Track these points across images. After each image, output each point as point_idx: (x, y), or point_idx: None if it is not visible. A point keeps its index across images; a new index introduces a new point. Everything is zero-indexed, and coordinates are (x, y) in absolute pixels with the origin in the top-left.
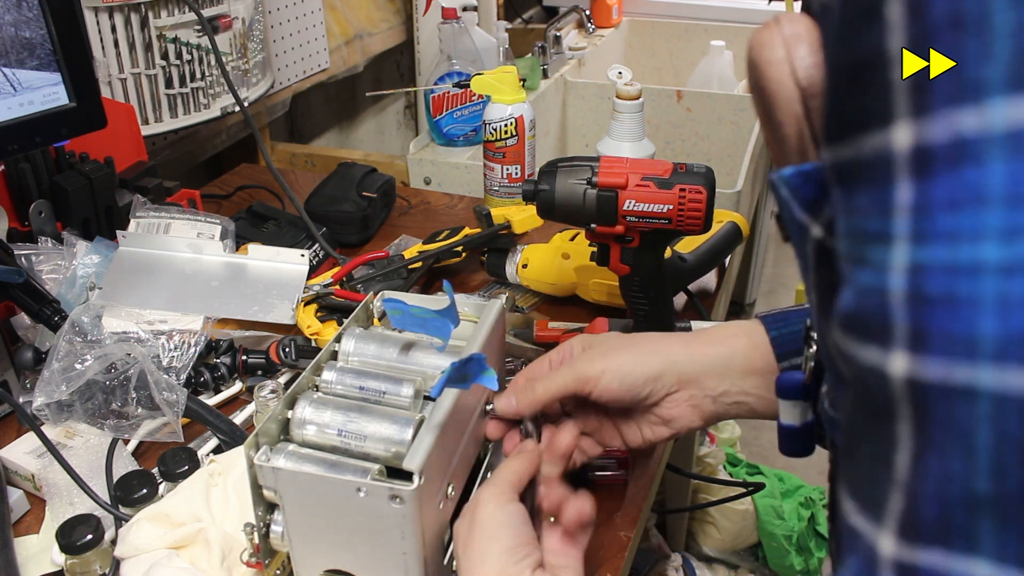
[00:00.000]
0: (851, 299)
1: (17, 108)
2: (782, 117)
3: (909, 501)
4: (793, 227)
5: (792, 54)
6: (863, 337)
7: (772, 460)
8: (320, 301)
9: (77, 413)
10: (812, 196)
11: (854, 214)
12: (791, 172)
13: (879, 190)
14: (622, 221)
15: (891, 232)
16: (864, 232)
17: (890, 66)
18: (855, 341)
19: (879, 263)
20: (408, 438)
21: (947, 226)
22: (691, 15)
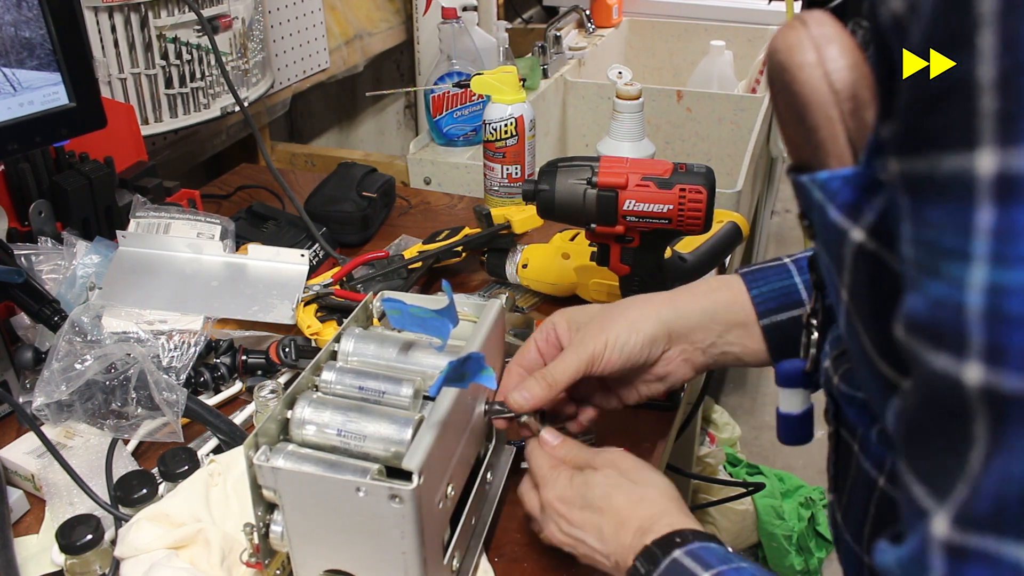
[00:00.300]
0: (923, 306)
1: (17, 108)
2: (817, 121)
3: (971, 493)
4: (827, 229)
5: (824, 56)
6: (935, 344)
7: (772, 460)
8: (320, 301)
9: (77, 413)
10: (851, 200)
11: (926, 226)
12: (828, 176)
13: (957, 209)
14: (622, 221)
15: (969, 251)
16: (938, 246)
17: (978, 93)
18: (925, 346)
19: (955, 279)
20: (407, 438)
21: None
22: (691, 15)
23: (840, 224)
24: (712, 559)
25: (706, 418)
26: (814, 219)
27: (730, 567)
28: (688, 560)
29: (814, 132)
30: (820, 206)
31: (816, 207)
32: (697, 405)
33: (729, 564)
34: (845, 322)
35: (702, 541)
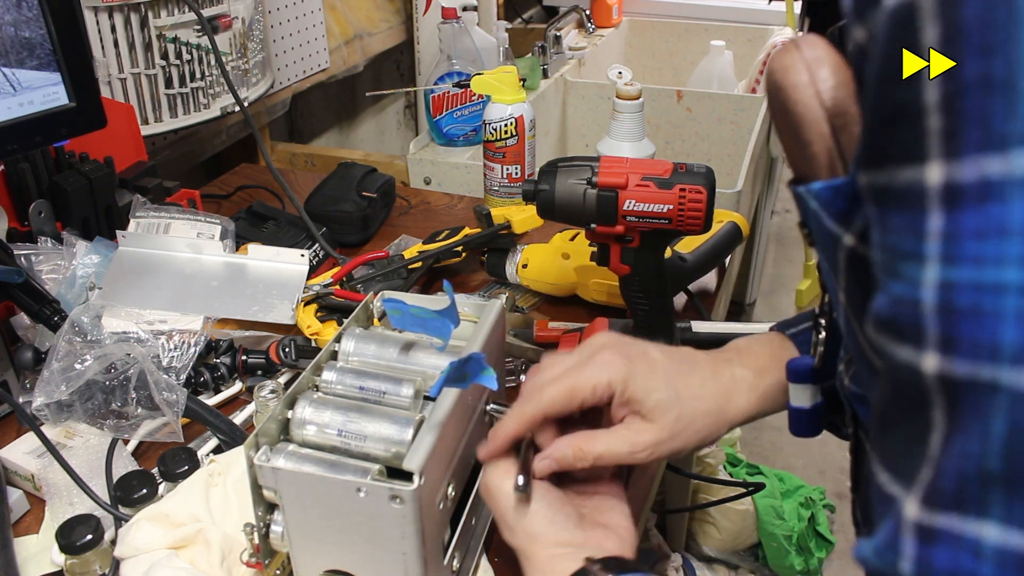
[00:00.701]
0: (886, 304)
1: (17, 108)
2: (810, 137)
3: (935, 474)
4: (823, 236)
5: (815, 77)
6: (898, 338)
7: (772, 460)
8: (320, 301)
9: (77, 413)
10: (843, 208)
11: (888, 232)
12: (821, 186)
13: (912, 216)
14: (622, 221)
15: (923, 253)
16: (897, 249)
17: (925, 114)
18: (890, 340)
19: (912, 278)
20: (408, 438)
21: (974, 252)
22: (691, 15)
23: (834, 231)
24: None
25: None
26: (812, 227)
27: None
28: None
29: (808, 146)
30: (816, 214)
31: (813, 215)
32: None
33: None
34: (844, 322)
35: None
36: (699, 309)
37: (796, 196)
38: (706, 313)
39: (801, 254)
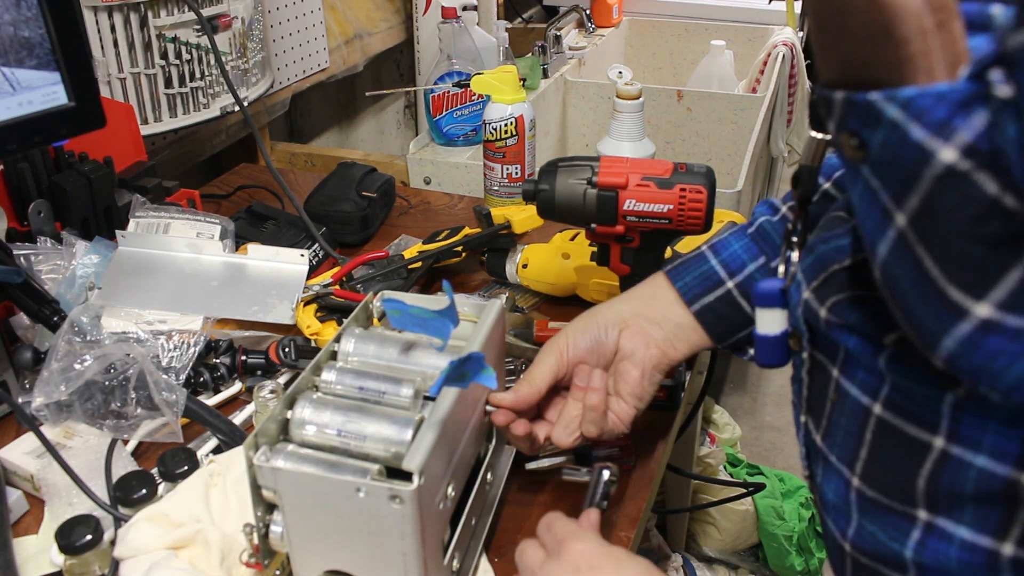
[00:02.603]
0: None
1: (16, 108)
2: (908, 33)
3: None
4: (903, 150)
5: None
6: None
7: (772, 460)
8: (320, 301)
9: (76, 413)
10: (943, 118)
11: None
12: (916, 92)
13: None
14: (622, 221)
15: None
16: None
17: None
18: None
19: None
20: (408, 438)
21: None
22: (691, 15)
23: (924, 143)
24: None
25: (706, 418)
26: (875, 141)
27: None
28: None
29: (902, 46)
30: (895, 125)
31: (888, 126)
32: (697, 405)
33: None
34: (894, 248)
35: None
36: None
37: (853, 104)
38: None
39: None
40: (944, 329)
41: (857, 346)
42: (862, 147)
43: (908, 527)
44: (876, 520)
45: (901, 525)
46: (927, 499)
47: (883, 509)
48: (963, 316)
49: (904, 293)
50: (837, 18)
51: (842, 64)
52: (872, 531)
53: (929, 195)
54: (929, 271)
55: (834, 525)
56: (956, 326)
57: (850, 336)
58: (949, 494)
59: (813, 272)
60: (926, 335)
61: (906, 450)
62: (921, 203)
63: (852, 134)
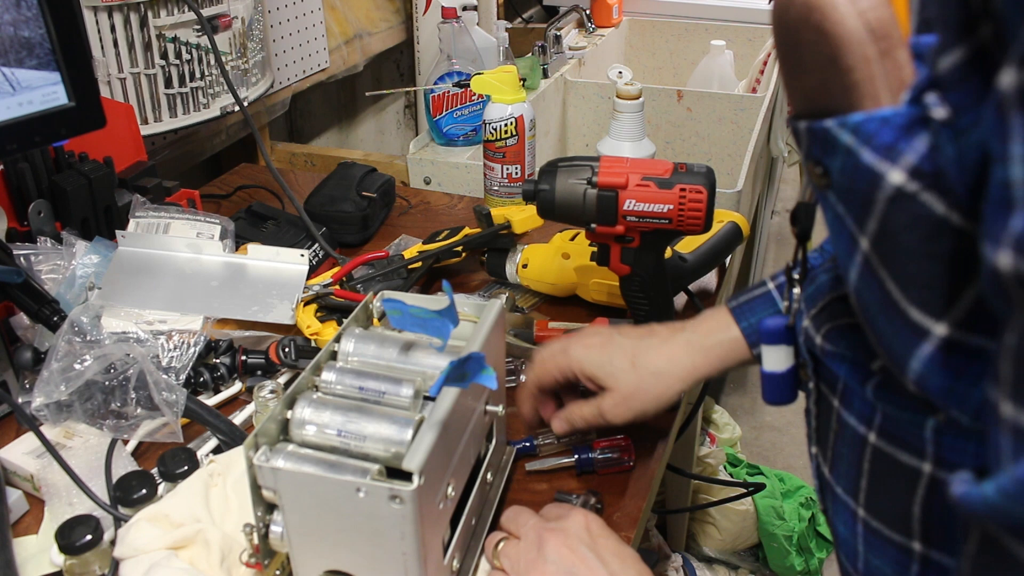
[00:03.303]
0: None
1: (16, 108)
2: (852, 62)
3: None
4: (857, 174)
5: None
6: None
7: (772, 460)
8: (320, 301)
9: (76, 413)
10: (889, 142)
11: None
12: (863, 117)
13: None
14: (622, 221)
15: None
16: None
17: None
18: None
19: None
20: (408, 438)
21: None
22: (691, 15)
23: (875, 167)
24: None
25: (706, 418)
26: (835, 167)
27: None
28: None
29: (847, 74)
30: (849, 150)
31: (842, 152)
32: (697, 405)
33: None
34: (861, 273)
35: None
36: (699, 309)
37: (815, 134)
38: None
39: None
40: (909, 351)
41: (848, 374)
42: (826, 174)
43: (907, 561)
44: (880, 555)
45: (901, 559)
46: (922, 529)
47: (885, 542)
48: (925, 336)
49: (874, 317)
50: (794, 51)
51: (804, 96)
52: (878, 565)
53: (884, 217)
54: (892, 293)
55: (846, 560)
56: (919, 347)
57: (842, 364)
58: (942, 523)
59: (812, 300)
60: (895, 358)
61: (901, 478)
62: (879, 226)
63: (816, 163)
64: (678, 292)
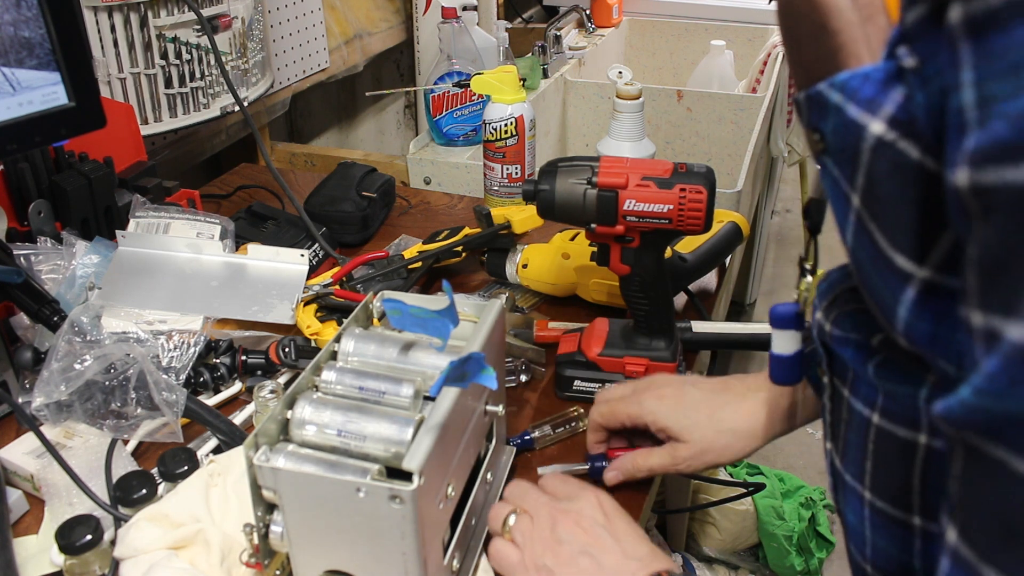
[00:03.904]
0: (1004, 128)
1: (16, 108)
2: (839, 25)
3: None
4: (845, 130)
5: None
6: (1018, 159)
7: (772, 460)
8: (320, 301)
9: (76, 413)
10: (870, 95)
11: (996, 56)
12: (848, 75)
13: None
14: (622, 221)
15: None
16: (1014, 65)
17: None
18: (1009, 166)
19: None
20: (408, 438)
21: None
22: (691, 15)
23: (859, 120)
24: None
25: None
26: (827, 128)
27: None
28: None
29: (835, 36)
30: (837, 108)
31: (833, 111)
32: None
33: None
34: (854, 230)
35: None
36: (699, 309)
37: (810, 100)
38: (706, 313)
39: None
40: (896, 298)
41: (852, 356)
42: (822, 139)
43: (910, 537)
44: (885, 535)
45: (905, 536)
46: (921, 502)
47: (889, 520)
48: (908, 281)
49: (867, 274)
50: (792, 26)
51: (804, 70)
52: (883, 546)
53: (869, 168)
54: (879, 243)
55: (856, 550)
56: (904, 292)
57: (847, 347)
58: (938, 493)
59: (825, 294)
60: (885, 310)
61: (900, 453)
62: (865, 179)
63: (814, 129)
64: (678, 292)
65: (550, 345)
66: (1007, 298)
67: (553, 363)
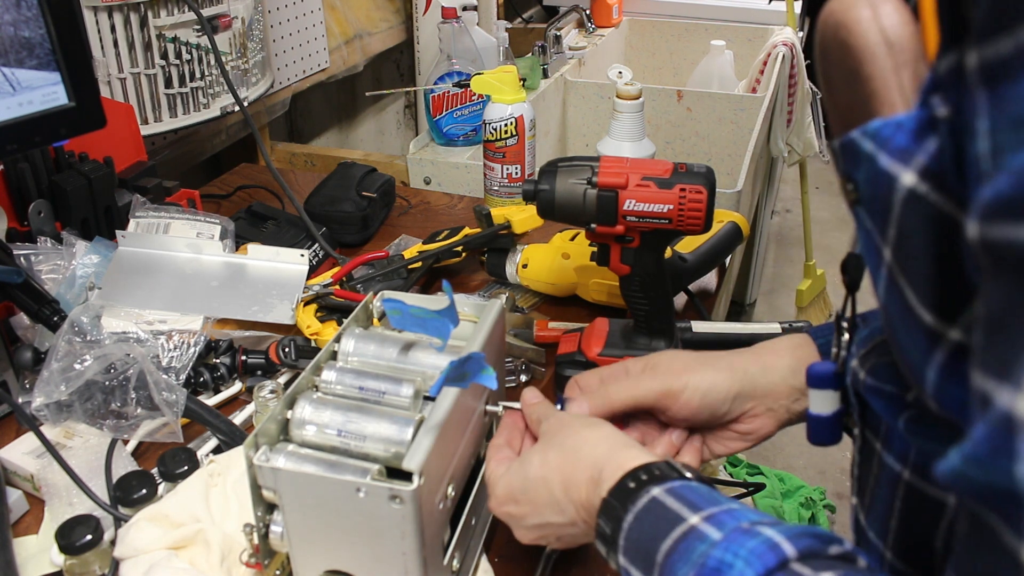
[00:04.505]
0: (1008, 183)
1: (16, 108)
2: (872, 71)
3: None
4: (877, 180)
5: (878, 12)
6: (1020, 216)
7: (772, 460)
8: (320, 301)
9: (76, 413)
10: (903, 145)
11: (1006, 105)
12: (880, 123)
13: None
14: (622, 221)
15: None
16: (1019, 117)
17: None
18: (1014, 223)
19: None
20: (408, 438)
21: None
22: (691, 15)
23: (891, 170)
24: (695, 498)
25: None
26: (860, 178)
27: (721, 509)
28: (664, 502)
29: (868, 82)
30: (870, 157)
31: (865, 160)
32: None
33: (719, 506)
34: (886, 285)
35: (666, 480)
36: (699, 309)
37: (844, 148)
38: (706, 313)
39: (801, 254)
40: (926, 360)
41: (884, 409)
42: (855, 189)
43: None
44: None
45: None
46: (943, 566)
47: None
48: (938, 343)
49: (897, 330)
50: (826, 69)
51: (839, 115)
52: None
53: (900, 221)
54: (909, 300)
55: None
56: (934, 354)
57: (880, 399)
58: None
59: (865, 341)
60: (914, 372)
61: (927, 512)
62: (897, 232)
63: (847, 178)
64: (678, 292)
65: (550, 345)
66: (1002, 361)
67: (553, 363)
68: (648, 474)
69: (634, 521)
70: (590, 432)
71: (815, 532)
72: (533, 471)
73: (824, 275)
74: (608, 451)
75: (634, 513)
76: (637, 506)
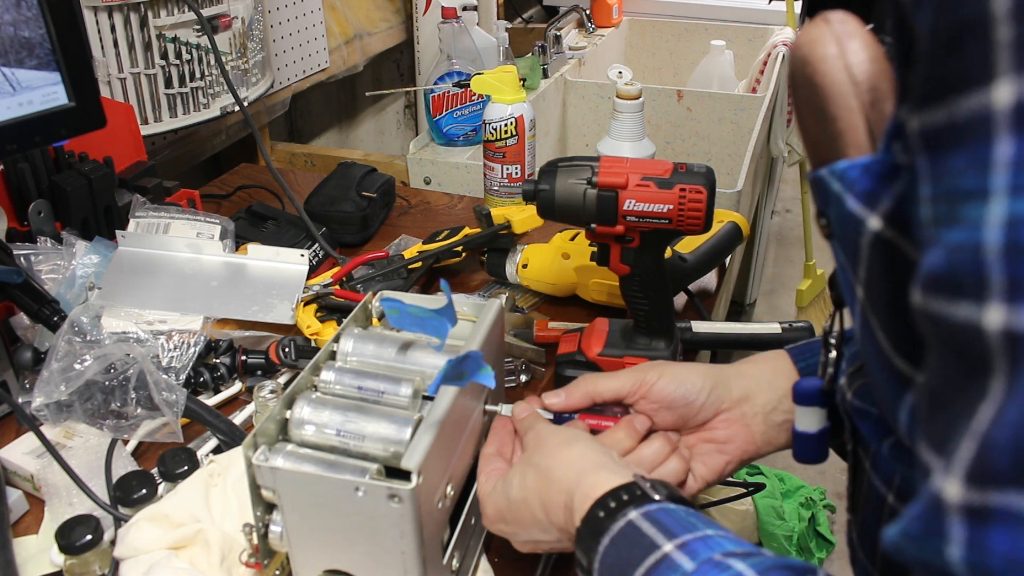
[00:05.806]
0: (940, 259)
1: (16, 108)
2: (837, 111)
3: (980, 449)
4: (845, 221)
5: (844, 49)
6: (955, 294)
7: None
8: (320, 301)
9: (76, 413)
10: (869, 188)
11: (945, 177)
12: (846, 165)
13: (976, 148)
14: (622, 221)
15: (988, 188)
16: (957, 192)
17: (994, 26)
18: (945, 300)
19: (973, 220)
20: (406, 438)
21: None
22: (691, 15)
23: (857, 213)
24: (670, 523)
25: None
26: (831, 215)
27: (695, 536)
28: (640, 527)
29: (833, 122)
30: (838, 197)
31: (834, 199)
32: None
33: (693, 532)
34: (860, 322)
35: (641, 504)
36: (699, 309)
37: (815, 184)
38: (706, 313)
39: (801, 254)
40: (898, 401)
41: (869, 431)
42: (829, 224)
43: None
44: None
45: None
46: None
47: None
48: (908, 386)
49: (871, 367)
50: (797, 104)
51: (811, 147)
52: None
53: (868, 263)
54: (881, 342)
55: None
56: (904, 397)
57: (865, 421)
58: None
59: (851, 361)
60: (888, 409)
61: None
62: (866, 272)
63: (821, 213)
64: (678, 292)
65: (550, 345)
66: (939, 436)
67: (553, 363)
68: (616, 500)
69: (610, 545)
70: (563, 452)
71: (788, 564)
72: (514, 493)
73: (824, 275)
74: (577, 476)
75: (610, 537)
76: (612, 531)
